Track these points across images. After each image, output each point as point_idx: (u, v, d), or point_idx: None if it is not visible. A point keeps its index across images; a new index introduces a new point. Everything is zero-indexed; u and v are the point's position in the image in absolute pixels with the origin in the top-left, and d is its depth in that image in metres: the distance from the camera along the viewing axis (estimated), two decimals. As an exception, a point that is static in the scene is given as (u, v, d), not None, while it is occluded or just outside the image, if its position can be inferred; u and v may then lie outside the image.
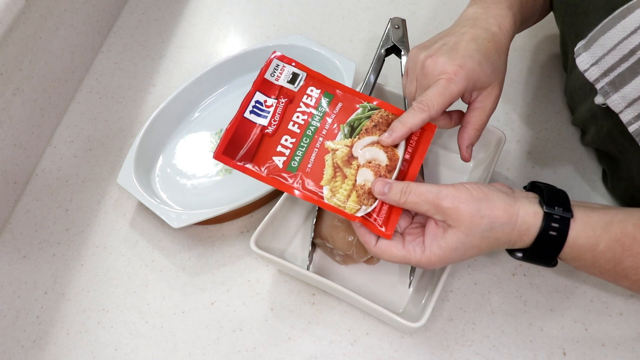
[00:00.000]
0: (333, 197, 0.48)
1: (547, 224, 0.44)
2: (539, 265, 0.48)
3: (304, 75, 0.52)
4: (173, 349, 0.54)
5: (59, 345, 0.55)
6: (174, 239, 0.62)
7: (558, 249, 0.45)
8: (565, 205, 0.45)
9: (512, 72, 0.75)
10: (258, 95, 0.51)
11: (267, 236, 0.55)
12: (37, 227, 0.63)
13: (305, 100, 0.51)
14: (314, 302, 0.56)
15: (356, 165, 0.49)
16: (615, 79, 0.46)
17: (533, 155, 0.67)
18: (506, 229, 0.44)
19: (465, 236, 0.44)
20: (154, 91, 0.76)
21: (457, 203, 0.44)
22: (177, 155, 0.68)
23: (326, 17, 0.84)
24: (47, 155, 0.70)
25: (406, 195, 0.46)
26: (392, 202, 0.47)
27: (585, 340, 0.53)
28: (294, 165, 0.49)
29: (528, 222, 0.44)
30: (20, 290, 0.58)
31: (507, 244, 0.46)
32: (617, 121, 0.48)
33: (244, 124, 0.50)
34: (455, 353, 0.52)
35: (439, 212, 0.45)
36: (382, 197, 0.47)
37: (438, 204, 0.44)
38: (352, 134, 0.50)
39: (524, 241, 0.45)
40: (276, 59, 0.52)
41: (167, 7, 0.87)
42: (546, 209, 0.45)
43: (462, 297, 0.56)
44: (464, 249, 0.45)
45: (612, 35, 0.46)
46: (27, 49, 0.65)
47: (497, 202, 0.45)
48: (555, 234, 0.44)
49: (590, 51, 0.48)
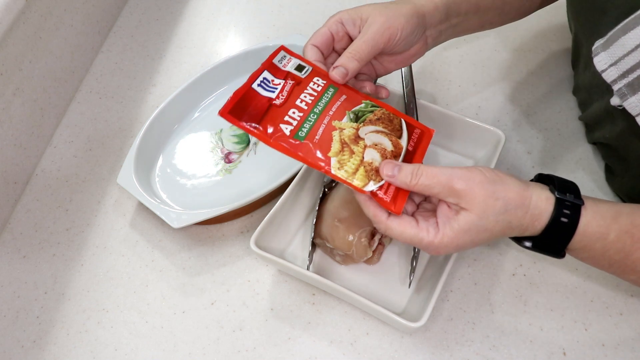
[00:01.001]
0: (341, 168, 0.47)
1: (559, 210, 0.44)
2: (547, 254, 0.47)
3: (309, 68, 0.53)
4: (173, 349, 0.54)
5: (59, 345, 0.55)
6: (174, 239, 0.62)
7: (569, 236, 0.44)
8: (576, 193, 0.45)
9: (513, 72, 0.75)
10: (266, 73, 0.51)
11: (267, 236, 0.55)
12: (37, 227, 0.63)
13: (312, 86, 0.51)
14: (314, 302, 0.56)
15: (363, 145, 0.49)
16: (634, 82, 0.46)
17: (533, 155, 0.67)
18: (519, 213, 0.44)
19: (478, 218, 0.43)
20: (154, 91, 0.76)
21: (471, 184, 0.43)
22: (177, 155, 0.68)
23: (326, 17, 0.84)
24: (47, 155, 0.70)
25: (418, 177, 0.45)
26: (402, 185, 0.46)
27: (585, 340, 0.53)
28: (301, 135, 0.49)
29: (540, 206, 0.44)
30: (20, 290, 0.58)
31: (519, 229, 0.45)
32: (632, 122, 0.48)
33: (250, 93, 0.50)
34: (455, 353, 0.52)
35: (452, 194, 0.44)
36: (391, 179, 0.46)
37: (451, 185, 0.43)
38: (357, 121, 0.50)
39: (535, 227, 0.45)
40: (283, 50, 0.53)
41: (167, 7, 0.87)
42: (558, 194, 0.44)
43: (462, 297, 0.56)
44: (477, 232, 0.44)
45: (633, 36, 0.45)
46: (27, 49, 0.65)
47: (510, 185, 0.44)
48: (566, 221, 0.44)
49: (609, 51, 0.47)
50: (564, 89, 0.73)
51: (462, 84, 0.74)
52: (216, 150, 0.68)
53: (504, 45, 0.79)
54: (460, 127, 0.63)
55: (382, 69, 0.57)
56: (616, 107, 0.49)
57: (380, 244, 0.56)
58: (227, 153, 0.68)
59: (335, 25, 0.53)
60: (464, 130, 0.63)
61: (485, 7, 0.58)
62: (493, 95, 0.73)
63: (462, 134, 0.63)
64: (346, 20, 0.53)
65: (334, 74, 0.51)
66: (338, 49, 0.55)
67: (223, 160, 0.67)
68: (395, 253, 0.58)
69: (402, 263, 0.57)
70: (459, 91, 0.74)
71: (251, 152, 0.67)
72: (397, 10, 0.52)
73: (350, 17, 0.53)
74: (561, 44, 0.78)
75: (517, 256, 0.58)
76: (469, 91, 0.74)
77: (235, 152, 0.68)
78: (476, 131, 0.62)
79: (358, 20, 0.53)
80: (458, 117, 0.62)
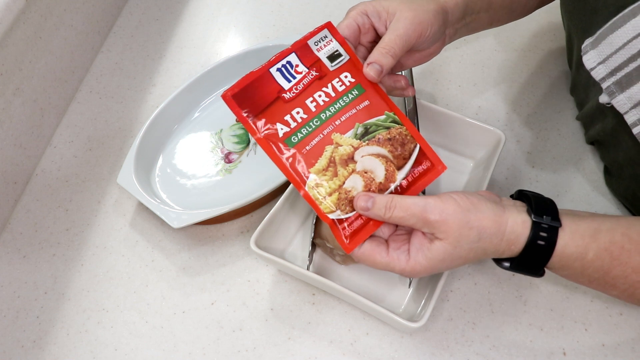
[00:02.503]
0: (315, 188, 0.47)
1: (535, 233, 0.43)
2: (526, 275, 0.47)
3: (346, 57, 0.50)
4: (173, 349, 0.54)
5: (59, 345, 0.55)
6: (174, 239, 0.62)
7: (546, 258, 0.44)
8: (554, 214, 0.44)
9: (513, 72, 0.76)
10: (293, 56, 0.49)
11: (267, 236, 0.55)
12: (37, 227, 0.63)
13: (334, 84, 0.49)
14: (314, 302, 0.56)
15: (351, 169, 0.47)
16: (622, 79, 0.46)
17: (533, 155, 0.67)
18: (494, 239, 0.44)
19: (452, 247, 0.43)
20: (154, 91, 0.76)
21: (444, 215, 0.43)
22: (177, 155, 0.68)
23: (326, 17, 0.84)
24: (47, 155, 0.70)
25: (391, 210, 0.44)
26: (377, 217, 0.46)
27: (585, 340, 0.53)
28: (293, 141, 0.47)
29: (516, 231, 0.44)
30: (20, 290, 0.58)
31: (495, 254, 0.45)
32: (622, 120, 0.48)
33: (265, 77, 0.48)
34: (455, 353, 0.52)
35: (427, 225, 0.44)
36: (364, 212, 0.46)
37: (425, 217, 0.43)
38: (363, 137, 0.48)
39: (512, 250, 0.45)
40: (327, 29, 0.50)
41: (167, 7, 0.87)
42: (534, 217, 0.44)
43: (462, 297, 0.56)
44: (451, 260, 0.44)
45: (621, 33, 0.45)
46: (27, 49, 0.65)
47: (485, 212, 0.44)
48: (543, 244, 0.43)
49: (597, 49, 0.47)
50: (563, 89, 0.73)
51: (462, 84, 0.74)
52: (216, 150, 0.68)
53: (504, 45, 0.79)
54: (460, 127, 0.63)
55: (397, 65, 0.56)
56: (606, 105, 0.49)
57: (380, 244, 0.56)
58: (227, 153, 0.68)
59: (361, 17, 0.51)
60: (464, 130, 0.63)
61: (496, 5, 0.58)
62: (493, 95, 0.73)
63: (462, 134, 0.63)
64: (371, 13, 0.51)
65: (369, 70, 0.48)
66: (364, 42, 0.53)
67: (223, 160, 0.67)
68: (395, 253, 0.58)
69: (402, 263, 0.57)
70: (459, 91, 0.74)
71: (251, 152, 0.67)
72: (425, 6, 0.51)
73: (375, 10, 0.51)
74: (560, 44, 0.78)
75: (517, 256, 0.58)
76: (469, 91, 0.74)
77: (235, 152, 0.68)
78: (476, 131, 0.62)
79: (384, 13, 0.51)
80: (458, 117, 0.62)
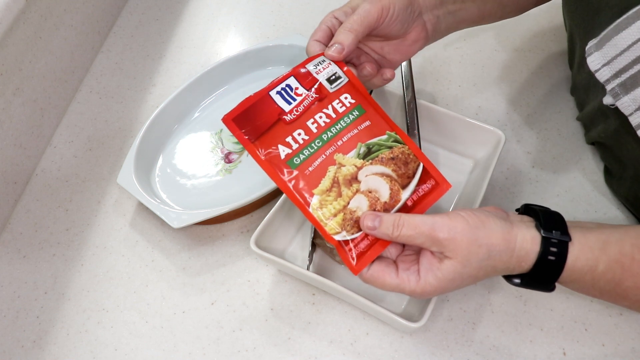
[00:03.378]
0: (319, 209, 0.46)
1: (545, 249, 0.43)
2: (537, 290, 0.46)
3: (345, 80, 0.50)
4: (173, 349, 0.54)
5: (59, 345, 0.55)
6: (174, 239, 0.62)
7: (557, 273, 0.44)
8: (563, 229, 0.44)
9: (512, 72, 0.76)
10: (292, 80, 0.49)
11: (267, 236, 0.55)
12: (37, 227, 0.63)
13: (335, 105, 0.49)
14: (314, 302, 0.56)
15: (355, 189, 0.47)
16: (627, 81, 0.46)
17: (533, 155, 0.67)
18: (504, 257, 0.43)
19: (462, 266, 0.43)
20: (154, 91, 0.76)
21: (453, 234, 0.43)
22: (177, 155, 0.68)
23: (326, 17, 0.84)
24: (47, 155, 0.70)
25: (399, 228, 0.44)
26: (384, 237, 0.45)
27: (585, 340, 0.53)
28: (296, 162, 0.47)
29: (526, 247, 0.43)
30: (20, 290, 0.58)
31: (505, 271, 0.45)
32: (626, 121, 0.48)
33: (265, 100, 0.48)
34: (455, 353, 0.52)
35: (435, 244, 0.43)
36: (371, 232, 0.45)
37: (434, 235, 0.43)
38: (365, 157, 0.48)
39: (522, 267, 0.44)
40: (323, 55, 0.51)
41: (167, 7, 0.87)
42: (544, 233, 0.43)
43: (462, 297, 0.56)
44: (461, 279, 0.44)
45: (626, 35, 0.45)
46: (27, 49, 0.65)
47: (494, 229, 0.43)
48: (554, 259, 0.43)
49: (602, 51, 0.47)
50: (563, 89, 0.73)
51: (462, 84, 0.74)
52: (216, 150, 0.68)
53: (504, 45, 0.79)
54: (460, 127, 0.63)
55: (386, 62, 0.56)
56: (609, 106, 0.49)
57: (380, 244, 0.56)
58: (227, 153, 0.68)
59: (330, 20, 0.53)
60: (464, 130, 0.63)
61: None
62: (493, 95, 0.73)
63: (462, 134, 0.63)
64: (339, 14, 0.53)
65: (331, 52, 0.50)
66: None
67: (223, 160, 0.67)
68: (395, 253, 0.58)
69: (402, 263, 0.57)
70: (459, 91, 0.74)
71: (251, 152, 0.67)
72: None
73: (342, 11, 0.54)
74: (561, 44, 0.78)
75: (517, 256, 0.58)
76: (469, 91, 0.74)
77: (235, 152, 0.68)
78: (476, 131, 0.62)
79: (349, 10, 0.53)
80: (458, 117, 0.62)
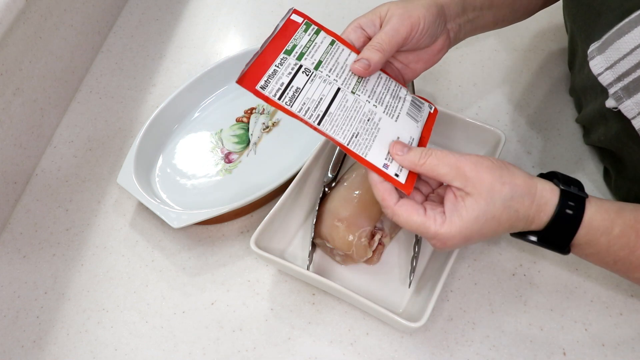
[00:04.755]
0: None
1: (564, 201, 0.44)
2: (552, 249, 0.47)
3: None
4: (173, 349, 0.54)
5: (59, 345, 0.55)
6: (174, 239, 0.62)
7: (574, 229, 0.44)
8: (580, 187, 0.45)
9: (513, 72, 0.76)
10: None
11: (267, 236, 0.55)
12: (37, 227, 0.63)
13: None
14: (314, 302, 0.56)
15: None
16: (630, 85, 0.46)
17: (533, 155, 0.67)
18: (526, 201, 0.44)
19: (486, 204, 0.43)
20: (154, 91, 0.76)
21: (478, 168, 0.43)
22: (177, 155, 0.68)
23: (326, 17, 0.84)
24: (47, 155, 0.70)
25: (427, 157, 0.45)
26: (410, 164, 0.46)
27: (585, 340, 0.53)
28: None
29: (545, 196, 0.44)
30: (20, 290, 0.58)
31: (525, 220, 0.45)
32: (627, 125, 0.48)
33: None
34: (455, 353, 0.52)
35: (459, 176, 0.43)
36: (399, 158, 0.46)
37: (459, 166, 0.43)
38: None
39: (540, 219, 0.45)
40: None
41: (167, 7, 0.87)
42: (562, 186, 0.45)
43: (462, 297, 0.56)
44: (485, 220, 0.43)
45: (628, 39, 0.45)
46: (27, 49, 0.65)
47: (517, 173, 0.44)
48: (571, 213, 0.44)
49: (604, 55, 0.47)
50: (563, 89, 0.73)
51: (462, 84, 0.74)
52: (216, 150, 0.68)
53: (504, 45, 0.79)
54: (460, 127, 0.63)
55: (409, 72, 0.56)
56: (610, 110, 0.50)
57: (380, 244, 0.56)
58: (227, 153, 0.68)
59: (355, 32, 0.52)
60: (464, 130, 0.63)
61: (498, 3, 0.58)
62: (493, 95, 0.73)
63: (462, 134, 0.63)
64: (365, 24, 0.52)
65: (357, 66, 0.49)
66: None
67: (223, 160, 0.67)
68: (395, 253, 0.58)
69: (402, 263, 0.57)
70: (459, 91, 0.74)
71: (251, 152, 0.67)
72: (415, 2, 0.52)
73: (369, 20, 0.52)
74: (561, 44, 0.78)
75: (517, 256, 0.58)
76: (469, 91, 0.74)
77: (235, 152, 0.68)
78: (476, 131, 0.62)
79: (378, 20, 0.52)
80: (458, 117, 0.62)
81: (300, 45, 0.50)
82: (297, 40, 0.50)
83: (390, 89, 0.52)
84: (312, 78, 0.49)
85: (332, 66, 0.50)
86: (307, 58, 0.50)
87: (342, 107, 0.48)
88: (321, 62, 0.50)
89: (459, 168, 0.43)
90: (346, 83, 0.50)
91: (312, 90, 0.48)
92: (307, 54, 0.50)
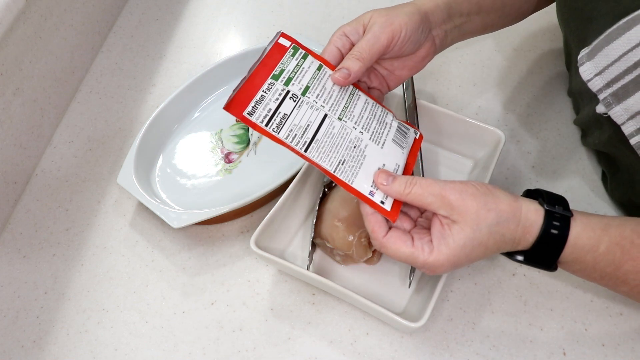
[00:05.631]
0: None
1: (548, 222, 0.44)
2: (539, 268, 0.47)
3: None
4: (173, 349, 0.54)
5: (59, 345, 0.55)
6: (174, 239, 0.62)
7: (560, 248, 0.44)
8: (565, 206, 0.45)
9: (512, 72, 0.76)
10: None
11: (267, 236, 0.55)
12: (37, 227, 0.63)
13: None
14: (314, 302, 0.56)
15: None
16: (619, 91, 0.46)
17: (533, 155, 0.67)
18: (511, 225, 0.44)
19: (472, 231, 0.43)
20: (154, 91, 0.76)
21: (463, 196, 0.43)
22: (177, 155, 0.68)
23: (326, 17, 0.84)
24: (47, 155, 0.70)
25: (411, 186, 0.45)
26: (396, 194, 0.46)
27: (585, 340, 0.53)
28: None
29: (530, 218, 0.44)
30: (20, 290, 0.58)
31: (512, 242, 0.45)
32: (618, 130, 0.48)
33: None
34: (455, 353, 0.52)
35: (445, 205, 0.44)
36: (384, 187, 0.46)
37: (444, 195, 0.44)
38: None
39: (526, 240, 0.45)
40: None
41: (167, 7, 0.87)
42: (547, 206, 0.45)
43: (462, 297, 0.56)
44: (472, 246, 0.44)
45: (616, 46, 0.45)
46: (27, 49, 0.65)
47: (501, 197, 0.45)
48: (556, 232, 0.44)
49: (594, 61, 0.47)
50: (563, 89, 0.73)
51: (462, 84, 0.74)
52: (216, 150, 0.68)
53: (504, 45, 0.79)
54: (460, 127, 0.63)
55: (393, 78, 0.56)
56: (602, 115, 0.50)
57: (380, 244, 0.56)
58: (227, 153, 0.68)
59: (340, 40, 0.52)
60: (464, 130, 0.63)
61: (487, 8, 0.58)
62: (493, 95, 0.73)
63: (462, 134, 0.63)
64: (349, 32, 0.52)
65: (337, 76, 0.50)
66: None
67: (223, 160, 0.67)
68: (395, 253, 0.58)
69: (402, 263, 0.57)
70: (459, 91, 0.74)
71: (251, 152, 0.67)
72: (398, 10, 0.52)
73: (353, 28, 0.52)
74: (560, 44, 0.78)
75: (517, 256, 0.58)
76: (469, 91, 0.74)
77: (235, 152, 0.68)
78: (476, 131, 0.62)
79: (360, 27, 0.52)
80: (458, 117, 0.62)
81: (287, 70, 0.50)
82: (284, 64, 0.50)
83: (376, 115, 0.52)
84: (300, 104, 0.48)
85: (319, 92, 0.50)
86: (294, 83, 0.49)
87: (329, 134, 0.48)
88: (308, 87, 0.50)
89: (444, 197, 0.44)
90: (333, 109, 0.50)
91: (300, 116, 0.48)
92: (294, 79, 0.50)
